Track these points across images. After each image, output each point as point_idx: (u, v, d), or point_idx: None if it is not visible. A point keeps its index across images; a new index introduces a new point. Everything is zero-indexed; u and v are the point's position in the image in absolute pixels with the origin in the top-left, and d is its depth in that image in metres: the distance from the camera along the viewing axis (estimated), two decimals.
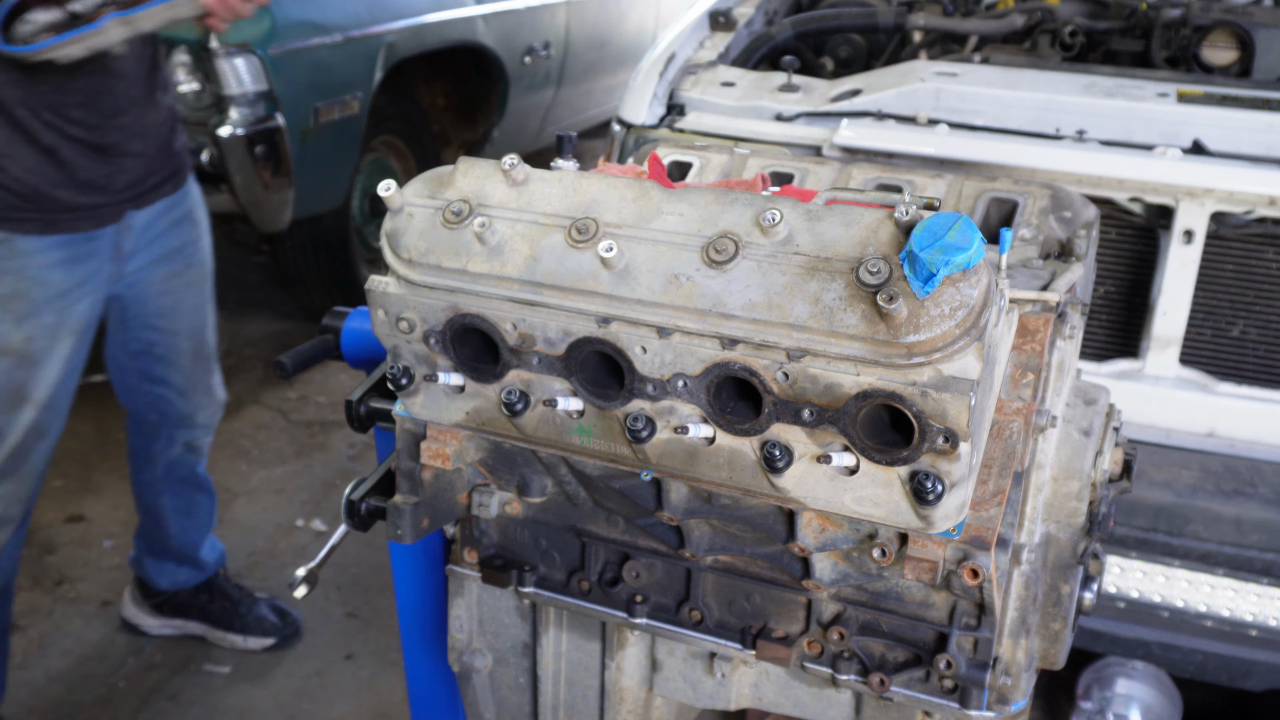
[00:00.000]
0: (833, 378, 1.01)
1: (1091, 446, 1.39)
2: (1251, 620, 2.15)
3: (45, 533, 3.53)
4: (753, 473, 1.10)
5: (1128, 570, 2.18)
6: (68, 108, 2.29)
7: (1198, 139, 2.19)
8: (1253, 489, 2.13)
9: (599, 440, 1.16)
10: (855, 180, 1.74)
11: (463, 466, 1.31)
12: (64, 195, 2.32)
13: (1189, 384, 2.22)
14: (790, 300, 1.02)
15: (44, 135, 2.28)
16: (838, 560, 1.22)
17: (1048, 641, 1.39)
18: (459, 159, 1.19)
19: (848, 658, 1.28)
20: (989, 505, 1.13)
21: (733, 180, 1.36)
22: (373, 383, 1.47)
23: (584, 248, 1.09)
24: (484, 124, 5.41)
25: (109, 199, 2.42)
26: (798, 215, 1.06)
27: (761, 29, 2.91)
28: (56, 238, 2.35)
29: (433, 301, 1.15)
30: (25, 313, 2.34)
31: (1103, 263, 2.25)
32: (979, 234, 0.97)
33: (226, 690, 2.98)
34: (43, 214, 2.31)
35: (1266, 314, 2.20)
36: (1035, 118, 2.29)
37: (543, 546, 1.39)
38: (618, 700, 1.51)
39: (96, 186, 2.37)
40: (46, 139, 2.28)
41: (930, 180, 1.71)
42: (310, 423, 4.24)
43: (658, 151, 1.87)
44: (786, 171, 1.80)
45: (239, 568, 3.41)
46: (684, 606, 1.34)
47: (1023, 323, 1.27)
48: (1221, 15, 2.63)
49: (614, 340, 1.09)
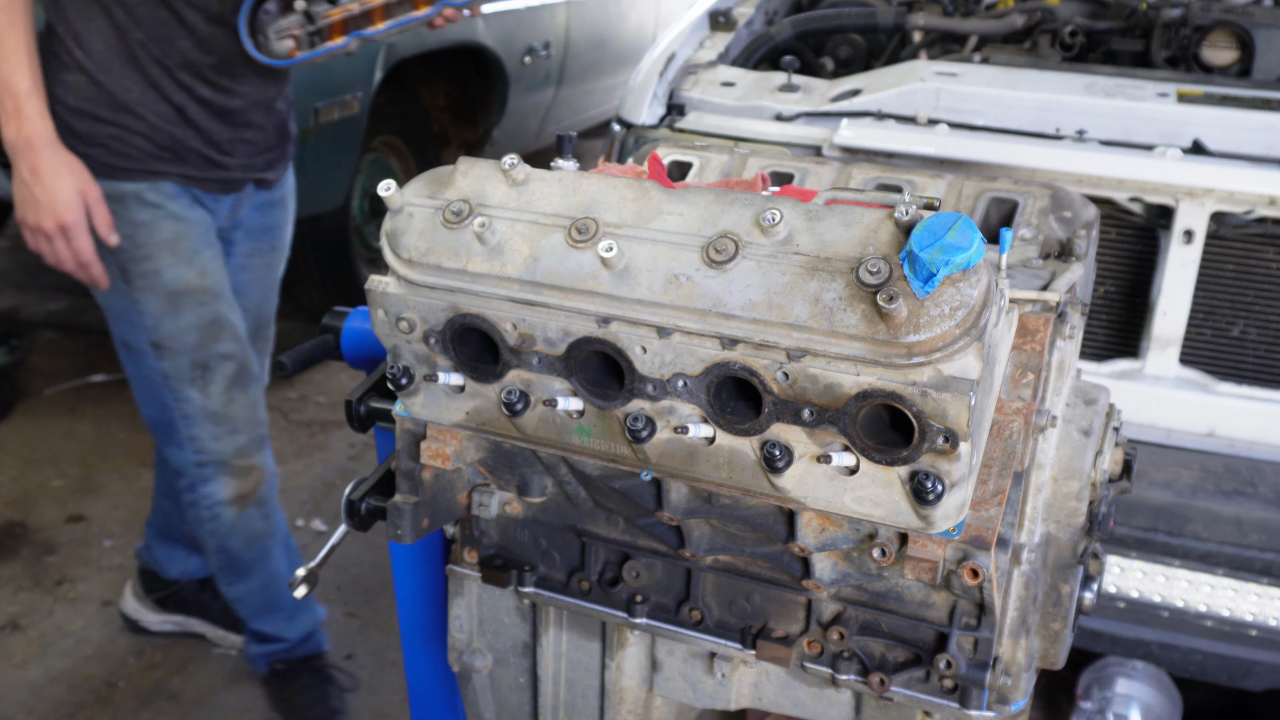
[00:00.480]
0: (833, 378, 1.01)
1: (1091, 446, 1.39)
2: (1251, 620, 2.15)
3: (45, 533, 3.53)
4: (753, 473, 1.10)
5: (1128, 570, 2.18)
6: (200, 68, 2.32)
7: (1198, 139, 2.19)
8: (1253, 489, 2.13)
9: (599, 440, 1.16)
10: (855, 180, 1.74)
11: (463, 466, 1.31)
12: (197, 147, 2.37)
13: (1189, 384, 2.22)
14: (790, 300, 1.02)
15: (174, 93, 2.32)
16: (838, 560, 1.22)
17: (1048, 641, 1.39)
18: (459, 159, 1.19)
19: (848, 658, 1.28)
20: (989, 505, 1.13)
21: (733, 180, 1.36)
22: (373, 383, 1.47)
23: (584, 248, 1.09)
24: (484, 124, 5.41)
25: (233, 165, 2.46)
26: (798, 215, 1.06)
27: (761, 29, 2.91)
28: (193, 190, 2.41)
29: (433, 301, 1.15)
30: (192, 250, 2.39)
31: (1103, 263, 2.25)
32: (979, 234, 0.97)
33: (226, 690, 2.98)
34: (180, 166, 2.37)
35: (1266, 314, 2.20)
36: (1035, 118, 2.29)
37: (543, 546, 1.39)
38: (618, 700, 1.51)
39: (222, 149, 2.42)
40: (176, 97, 2.32)
41: (930, 180, 1.71)
42: (310, 423, 4.24)
43: (658, 151, 1.87)
44: (786, 171, 1.80)
45: None
46: (684, 606, 1.34)
47: (1023, 323, 1.27)
48: (1221, 15, 2.63)
49: (614, 340, 1.09)
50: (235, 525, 2.58)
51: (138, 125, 2.31)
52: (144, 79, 2.29)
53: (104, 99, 2.28)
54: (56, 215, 2.20)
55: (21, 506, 3.66)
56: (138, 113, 2.30)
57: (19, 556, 3.43)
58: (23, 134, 2.17)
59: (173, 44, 2.28)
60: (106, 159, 2.30)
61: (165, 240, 2.36)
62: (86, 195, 2.23)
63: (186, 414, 2.47)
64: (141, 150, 2.32)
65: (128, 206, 2.32)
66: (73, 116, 2.28)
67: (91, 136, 2.29)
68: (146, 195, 2.33)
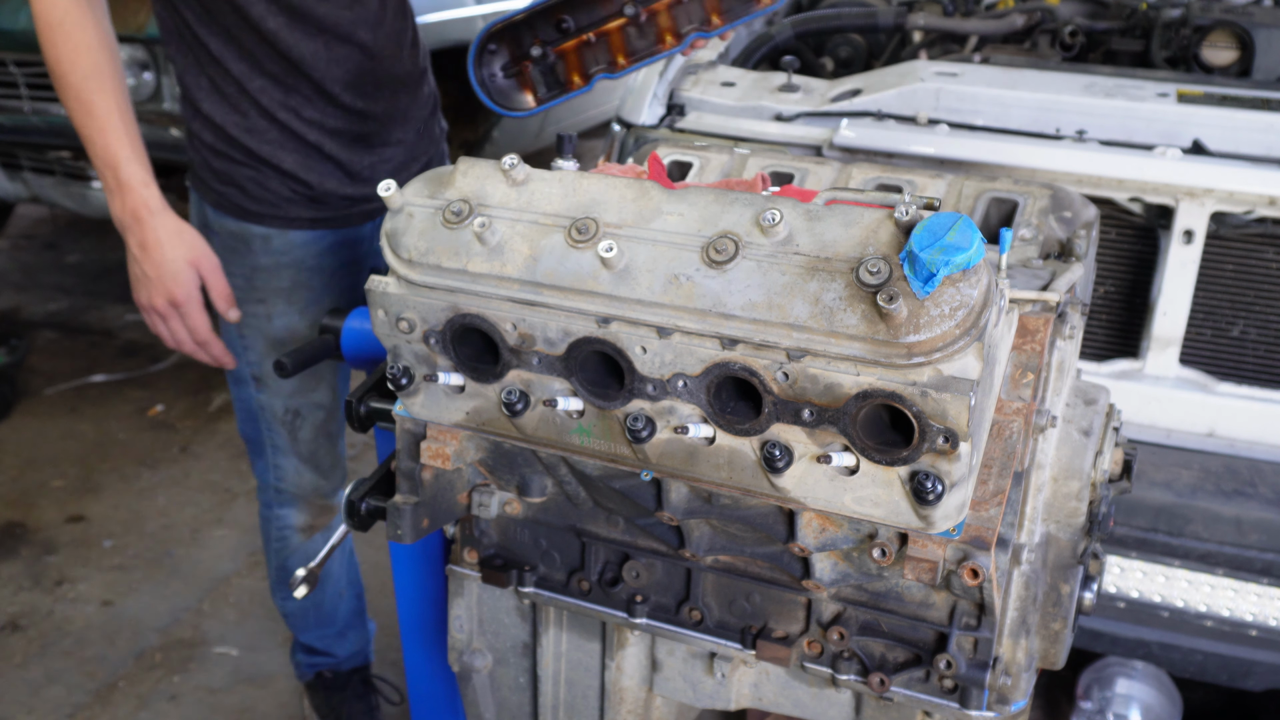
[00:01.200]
0: (833, 378, 1.01)
1: (1091, 446, 1.39)
2: (1251, 620, 2.15)
3: (45, 533, 3.53)
4: (753, 473, 1.10)
5: (1128, 570, 2.18)
6: (327, 100, 2.19)
7: (1198, 139, 2.19)
8: (1253, 489, 2.13)
9: (599, 440, 1.16)
10: (855, 180, 1.74)
11: (463, 466, 1.31)
12: (333, 187, 2.26)
13: (1189, 384, 2.22)
14: (790, 300, 1.02)
15: (308, 133, 2.20)
16: (838, 560, 1.22)
17: (1048, 641, 1.39)
18: (459, 159, 1.19)
19: (848, 658, 1.28)
20: (989, 505, 1.13)
21: (733, 180, 1.36)
22: (373, 383, 1.47)
23: (584, 248, 1.09)
24: (484, 124, 5.40)
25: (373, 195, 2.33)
26: (798, 215, 1.06)
27: (761, 29, 2.91)
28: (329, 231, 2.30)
29: (433, 301, 1.15)
30: (308, 301, 2.30)
31: (1103, 263, 2.25)
32: (979, 234, 0.97)
33: (226, 690, 2.98)
34: (316, 210, 2.28)
35: (1266, 314, 2.20)
36: (1035, 118, 2.29)
37: (543, 546, 1.39)
38: (618, 700, 1.51)
39: (362, 178, 2.30)
40: (311, 136, 2.20)
41: (930, 180, 1.71)
42: None
43: (658, 151, 1.87)
44: (786, 171, 1.80)
45: (239, 567, 3.41)
46: (684, 606, 1.34)
47: (1023, 323, 1.27)
48: (1221, 15, 2.63)
49: (614, 340, 1.09)
50: (300, 549, 2.56)
51: (273, 172, 2.19)
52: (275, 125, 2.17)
53: (238, 147, 2.17)
54: (168, 291, 2.03)
55: (21, 506, 3.66)
56: (273, 161, 2.18)
57: (19, 556, 3.43)
58: (127, 207, 1.99)
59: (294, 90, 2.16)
60: (240, 200, 2.20)
61: (283, 289, 2.26)
62: (201, 266, 2.05)
63: (275, 445, 2.44)
64: (277, 194, 2.21)
65: (252, 248, 2.23)
66: (209, 154, 2.18)
67: (227, 175, 2.19)
68: (274, 241, 2.23)
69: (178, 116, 3.78)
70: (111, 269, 5.38)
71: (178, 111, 3.75)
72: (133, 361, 4.52)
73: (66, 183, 4.11)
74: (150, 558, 3.44)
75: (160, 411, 4.22)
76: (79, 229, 5.77)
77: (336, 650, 2.77)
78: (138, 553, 3.46)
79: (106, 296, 5.13)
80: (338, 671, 2.80)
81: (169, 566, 3.40)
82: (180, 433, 4.09)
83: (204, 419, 4.18)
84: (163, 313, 2.06)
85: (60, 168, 4.10)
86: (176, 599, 3.28)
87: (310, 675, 2.82)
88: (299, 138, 2.19)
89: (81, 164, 4.03)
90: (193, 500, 3.71)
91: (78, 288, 5.22)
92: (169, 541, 3.51)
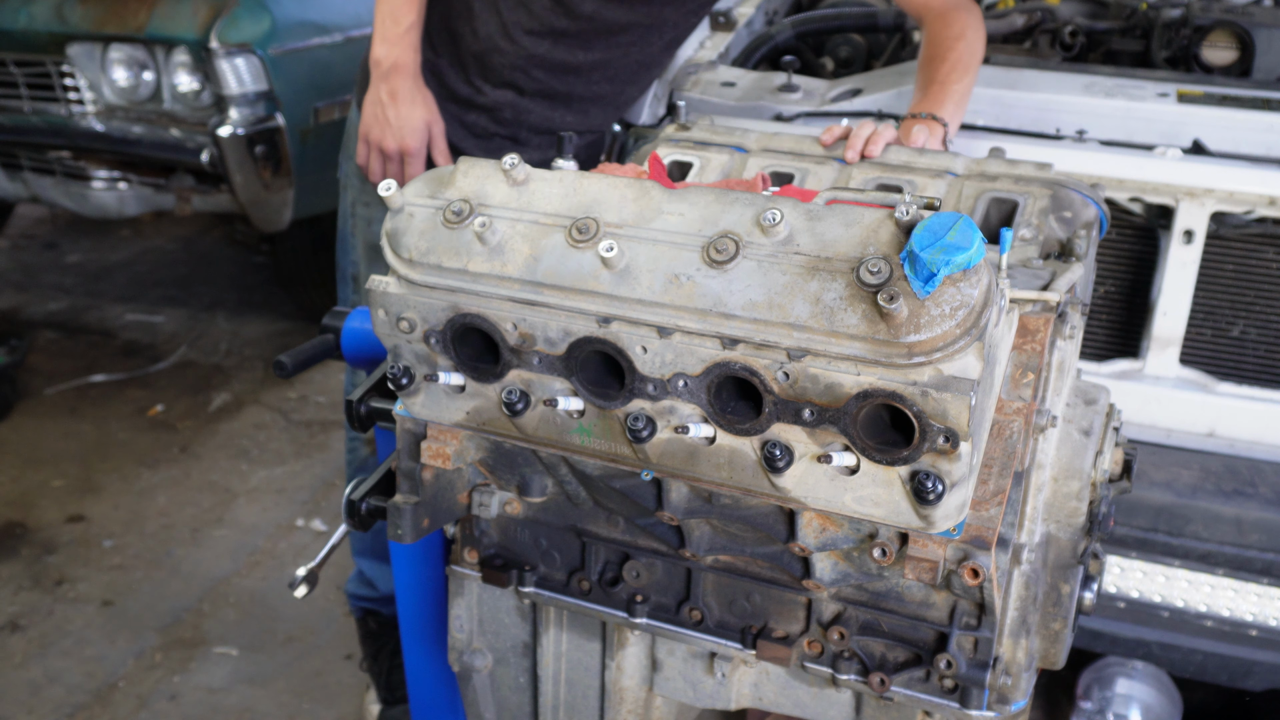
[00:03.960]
0: (833, 377, 1.01)
1: (1091, 446, 1.39)
2: (1251, 620, 2.15)
3: (45, 533, 3.53)
4: (753, 473, 1.10)
5: (1128, 570, 2.18)
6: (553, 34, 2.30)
7: (1198, 139, 2.19)
8: (1253, 489, 2.13)
9: (599, 440, 1.16)
10: (855, 180, 1.74)
11: (463, 466, 1.31)
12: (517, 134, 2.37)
13: (1189, 384, 2.22)
14: (791, 300, 1.02)
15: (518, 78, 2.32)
16: (838, 560, 1.22)
17: (1048, 641, 1.39)
18: (459, 159, 1.19)
19: (848, 657, 1.28)
20: (989, 505, 1.13)
21: (733, 180, 1.36)
22: (373, 383, 1.47)
23: (584, 247, 1.09)
24: None
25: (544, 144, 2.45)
26: (798, 215, 1.06)
27: (761, 29, 2.91)
28: None
29: (433, 301, 1.15)
30: None
31: (1103, 263, 2.25)
32: (979, 234, 0.97)
33: (226, 690, 2.98)
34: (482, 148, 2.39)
35: (1266, 314, 2.20)
36: (1035, 118, 2.29)
37: (543, 546, 1.39)
38: (618, 700, 1.51)
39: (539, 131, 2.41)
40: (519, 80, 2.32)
41: (930, 180, 1.71)
42: (310, 423, 4.24)
43: (658, 151, 1.87)
44: (786, 171, 1.80)
45: (239, 567, 3.41)
46: (684, 606, 1.34)
47: (1023, 323, 1.27)
48: (1221, 15, 2.62)
49: (614, 340, 1.09)
50: (367, 463, 2.62)
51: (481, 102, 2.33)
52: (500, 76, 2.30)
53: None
54: (402, 139, 2.26)
55: (21, 506, 3.66)
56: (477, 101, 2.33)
57: (19, 556, 3.43)
58: (392, 57, 2.24)
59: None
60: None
61: None
62: (433, 128, 2.29)
63: None
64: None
65: None
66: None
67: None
68: None
69: (178, 116, 3.79)
70: (112, 269, 5.38)
71: (178, 111, 3.76)
72: (133, 361, 4.52)
73: (66, 183, 4.10)
74: (150, 558, 3.44)
75: (160, 411, 4.22)
76: (79, 229, 5.77)
77: (382, 586, 2.81)
78: (138, 553, 3.46)
79: (106, 296, 5.12)
80: (381, 620, 2.84)
81: (169, 566, 3.40)
82: (180, 433, 4.09)
83: (204, 419, 4.18)
84: (390, 154, 2.29)
85: (60, 168, 4.09)
86: (176, 599, 3.28)
87: (359, 614, 2.87)
88: (510, 84, 2.33)
89: (82, 164, 4.03)
90: (193, 500, 3.71)
91: (78, 288, 5.21)
92: (169, 541, 3.51)
